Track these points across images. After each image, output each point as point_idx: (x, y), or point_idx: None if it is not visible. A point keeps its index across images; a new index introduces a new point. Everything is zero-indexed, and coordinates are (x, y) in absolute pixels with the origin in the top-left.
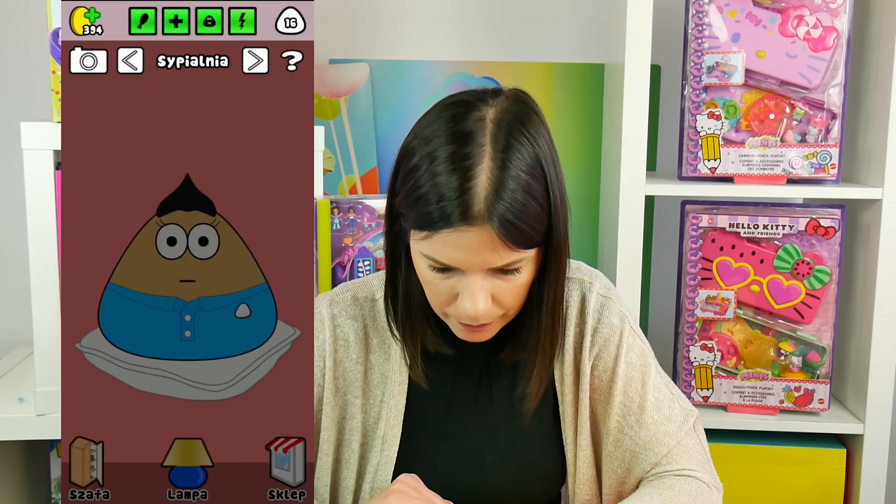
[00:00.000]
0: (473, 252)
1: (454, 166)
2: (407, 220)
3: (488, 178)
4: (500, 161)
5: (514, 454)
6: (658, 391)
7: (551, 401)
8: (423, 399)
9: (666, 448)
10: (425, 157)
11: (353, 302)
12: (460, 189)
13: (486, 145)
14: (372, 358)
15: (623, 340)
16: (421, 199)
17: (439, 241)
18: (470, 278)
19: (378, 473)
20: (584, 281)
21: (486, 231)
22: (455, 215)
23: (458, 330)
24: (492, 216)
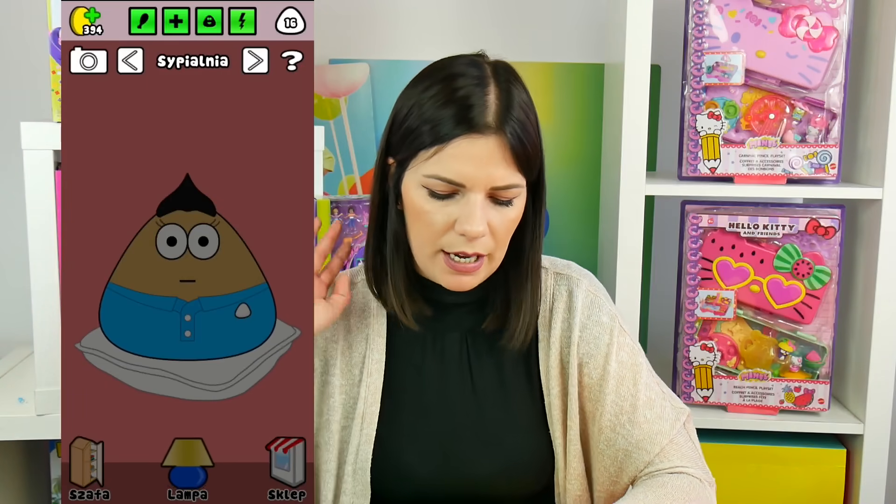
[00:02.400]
0: (482, 164)
1: (458, 94)
2: (407, 150)
3: (497, 97)
4: (504, 87)
5: (498, 437)
6: (650, 390)
7: (538, 391)
8: (401, 377)
9: (659, 446)
10: (423, 99)
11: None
12: (467, 105)
13: (490, 76)
14: (350, 338)
15: (613, 339)
16: (426, 122)
17: (448, 155)
18: (472, 198)
19: (359, 454)
20: (573, 277)
21: (499, 141)
22: (467, 125)
23: (444, 273)
24: (504, 127)
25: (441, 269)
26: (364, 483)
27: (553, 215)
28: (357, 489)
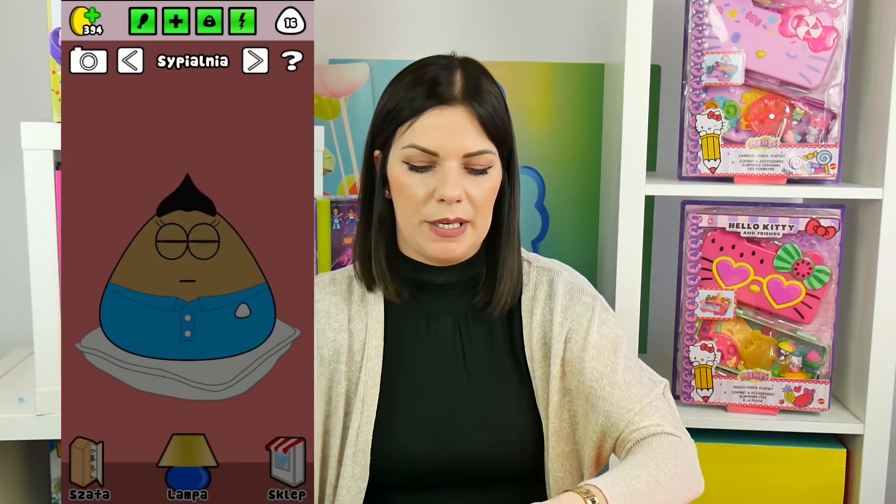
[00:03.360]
0: (453, 132)
1: (425, 78)
2: (385, 131)
3: (463, 77)
4: (473, 74)
5: (490, 415)
6: (628, 360)
7: (526, 374)
8: (398, 360)
9: (638, 405)
10: (395, 90)
11: (331, 281)
12: (435, 82)
13: (457, 66)
14: (351, 326)
15: (595, 315)
16: (399, 103)
17: (421, 126)
18: (447, 166)
19: (359, 436)
20: (554, 269)
21: (467, 110)
22: (436, 99)
23: (430, 241)
24: (471, 99)
25: (426, 238)
26: (364, 465)
27: (553, 215)
28: (356, 471)
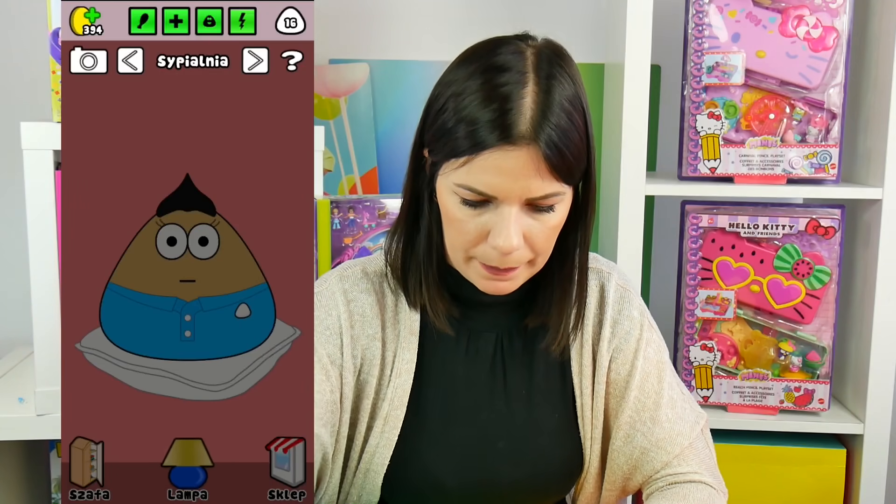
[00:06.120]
0: (515, 177)
1: (496, 92)
2: (440, 152)
3: (534, 101)
4: (544, 86)
5: (529, 443)
6: (672, 389)
7: (570, 392)
8: (429, 379)
9: (678, 448)
10: (463, 90)
11: (364, 276)
12: (503, 110)
13: (529, 72)
14: (385, 334)
15: (643, 334)
16: (461, 123)
17: (479, 166)
18: (505, 210)
19: (375, 456)
20: (602, 271)
21: (532, 153)
22: (499, 134)
23: (480, 278)
24: (538, 137)
25: (477, 274)
26: (374, 485)
27: None
28: (366, 488)
